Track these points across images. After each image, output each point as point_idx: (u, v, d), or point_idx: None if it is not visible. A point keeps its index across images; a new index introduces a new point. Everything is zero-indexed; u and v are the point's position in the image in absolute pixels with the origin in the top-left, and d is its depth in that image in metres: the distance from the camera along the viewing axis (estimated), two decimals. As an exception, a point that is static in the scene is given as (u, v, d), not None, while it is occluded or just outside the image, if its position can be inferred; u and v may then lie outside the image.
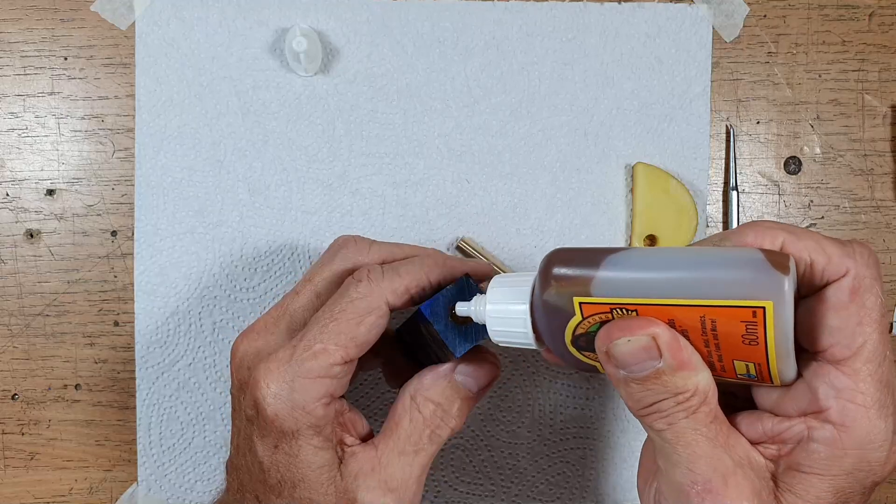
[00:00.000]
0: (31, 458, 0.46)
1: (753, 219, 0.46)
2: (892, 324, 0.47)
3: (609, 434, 0.46)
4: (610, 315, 0.28)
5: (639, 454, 0.46)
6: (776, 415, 0.30)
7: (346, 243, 0.38)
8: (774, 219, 0.47)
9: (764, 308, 0.26)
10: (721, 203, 0.46)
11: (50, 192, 0.45)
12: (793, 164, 0.47)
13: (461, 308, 0.34)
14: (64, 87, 0.45)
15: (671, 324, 0.28)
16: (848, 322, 0.27)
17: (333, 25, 0.45)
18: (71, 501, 0.46)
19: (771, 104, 0.46)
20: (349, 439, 0.35)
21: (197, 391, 0.45)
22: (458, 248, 0.45)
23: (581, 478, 0.46)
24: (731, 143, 0.46)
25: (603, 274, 0.28)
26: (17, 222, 0.45)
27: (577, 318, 0.29)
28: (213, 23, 0.45)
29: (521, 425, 0.46)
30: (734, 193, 0.46)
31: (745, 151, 0.46)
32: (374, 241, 0.38)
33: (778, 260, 0.26)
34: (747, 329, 0.26)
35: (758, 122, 0.46)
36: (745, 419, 0.30)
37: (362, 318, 0.33)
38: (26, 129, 0.45)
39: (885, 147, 0.46)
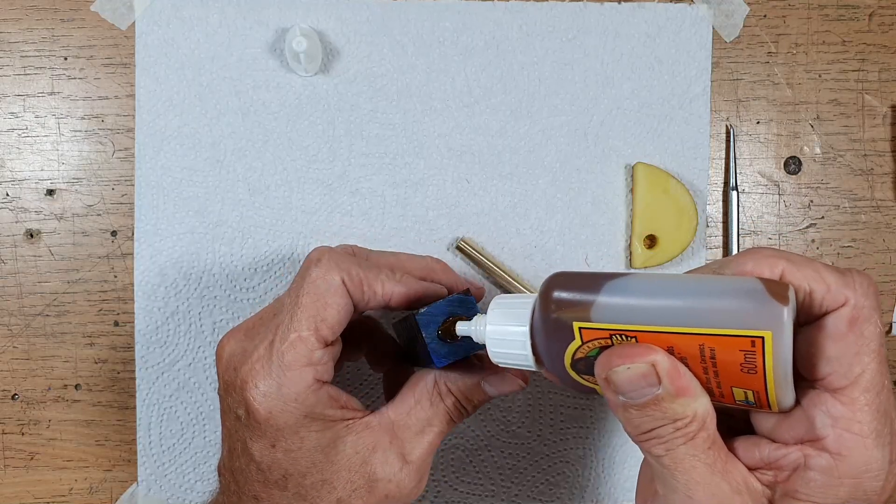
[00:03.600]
0: (31, 458, 0.46)
1: (753, 219, 0.46)
2: (891, 324, 0.47)
3: (609, 434, 0.46)
4: (609, 341, 0.28)
5: (635, 454, 0.46)
6: (774, 441, 0.30)
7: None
8: (774, 219, 0.47)
9: (763, 338, 0.26)
10: (721, 203, 0.46)
11: (50, 192, 0.45)
12: (793, 164, 0.47)
13: (462, 328, 0.34)
14: (64, 87, 0.45)
15: (670, 351, 0.28)
16: (846, 352, 0.27)
17: (333, 25, 0.45)
18: (71, 501, 0.46)
19: (771, 104, 0.46)
20: (357, 413, 0.35)
21: (197, 391, 0.45)
22: (458, 248, 0.45)
23: (581, 478, 0.46)
24: (731, 143, 0.46)
25: (603, 300, 0.28)
26: (17, 222, 0.45)
27: (577, 342, 0.29)
28: (213, 23, 0.45)
29: (521, 425, 0.46)
30: (734, 193, 0.46)
31: (745, 151, 0.46)
32: (372, 251, 0.38)
33: (777, 290, 0.26)
34: (746, 358, 0.26)
35: (758, 122, 0.46)
36: (742, 444, 0.30)
37: (325, 298, 0.33)
38: (26, 129, 0.45)
39: (885, 147, 0.46)
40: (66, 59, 0.45)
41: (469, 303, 0.35)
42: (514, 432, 0.46)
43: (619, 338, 0.28)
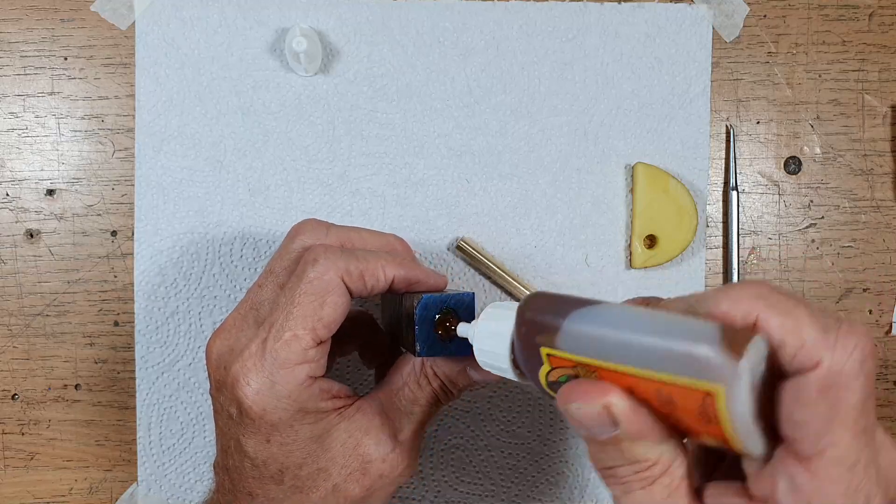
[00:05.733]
0: (31, 458, 0.46)
1: (753, 219, 0.46)
2: (891, 324, 0.47)
3: (609, 434, 0.46)
4: (575, 370, 0.27)
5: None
6: (749, 491, 0.26)
7: (303, 228, 0.37)
8: (774, 219, 0.47)
9: (714, 393, 0.23)
10: (721, 203, 0.46)
11: (50, 192, 0.45)
12: (793, 164, 0.47)
13: (462, 329, 0.33)
14: (64, 87, 0.45)
15: (632, 389, 0.26)
16: (814, 419, 0.24)
17: (333, 25, 0.45)
18: (71, 501, 0.46)
19: (771, 104, 0.46)
20: (348, 400, 0.35)
21: (197, 391, 0.45)
22: (458, 247, 0.45)
23: (581, 478, 0.46)
24: (731, 143, 0.46)
25: (568, 328, 0.27)
26: (17, 222, 0.45)
27: (546, 367, 0.28)
28: (213, 23, 0.45)
29: (521, 425, 0.46)
30: (734, 193, 0.46)
31: (744, 151, 0.46)
32: (332, 224, 0.38)
33: (736, 341, 0.23)
34: (702, 408, 0.24)
35: (758, 122, 0.46)
36: (713, 491, 0.27)
37: (323, 297, 0.33)
38: (26, 129, 0.45)
39: (885, 147, 0.46)
40: (66, 59, 0.45)
41: (468, 303, 0.35)
42: (514, 432, 0.46)
43: (584, 370, 0.27)
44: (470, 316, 0.35)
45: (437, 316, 0.34)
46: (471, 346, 0.34)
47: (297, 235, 0.37)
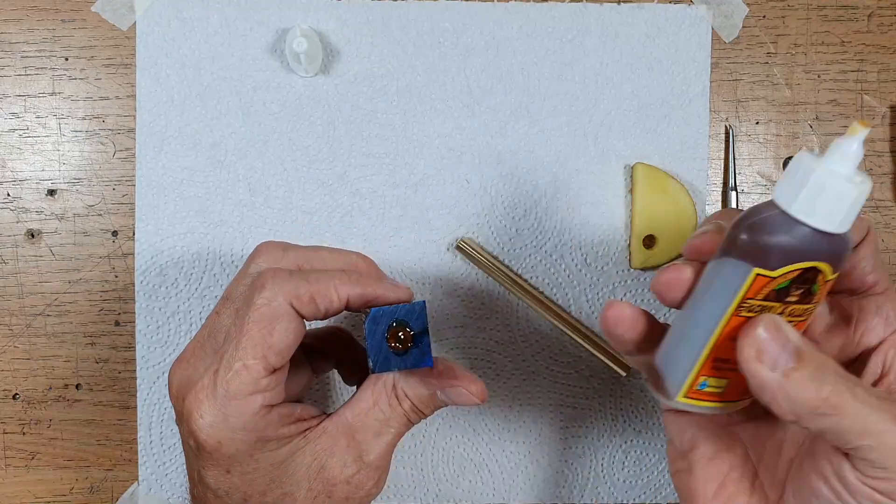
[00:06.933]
0: (32, 458, 0.46)
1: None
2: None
3: (609, 434, 0.46)
4: None
5: (635, 453, 0.46)
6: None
7: (260, 251, 0.36)
8: (773, 219, 0.47)
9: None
10: (720, 203, 0.46)
11: (51, 193, 0.45)
12: (792, 165, 0.47)
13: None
14: (65, 87, 0.45)
15: None
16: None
17: (334, 26, 0.45)
18: (72, 501, 0.46)
19: (770, 104, 0.46)
20: (313, 421, 0.35)
21: (197, 391, 0.45)
22: (458, 248, 0.45)
23: (581, 477, 0.46)
24: (731, 144, 0.46)
25: None
26: (18, 222, 0.45)
27: None
28: (214, 23, 0.45)
29: (521, 424, 0.46)
30: (733, 194, 0.46)
31: (744, 151, 0.47)
32: (291, 245, 0.37)
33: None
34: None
35: (757, 123, 0.46)
36: None
37: (272, 324, 0.32)
38: (27, 129, 0.45)
39: (884, 147, 0.47)
40: (66, 59, 0.45)
41: (419, 312, 0.33)
42: (514, 431, 0.46)
43: None
44: (422, 325, 0.33)
45: (387, 329, 0.33)
46: (426, 357, 0.33)
47: (255, 259, 0.36)
